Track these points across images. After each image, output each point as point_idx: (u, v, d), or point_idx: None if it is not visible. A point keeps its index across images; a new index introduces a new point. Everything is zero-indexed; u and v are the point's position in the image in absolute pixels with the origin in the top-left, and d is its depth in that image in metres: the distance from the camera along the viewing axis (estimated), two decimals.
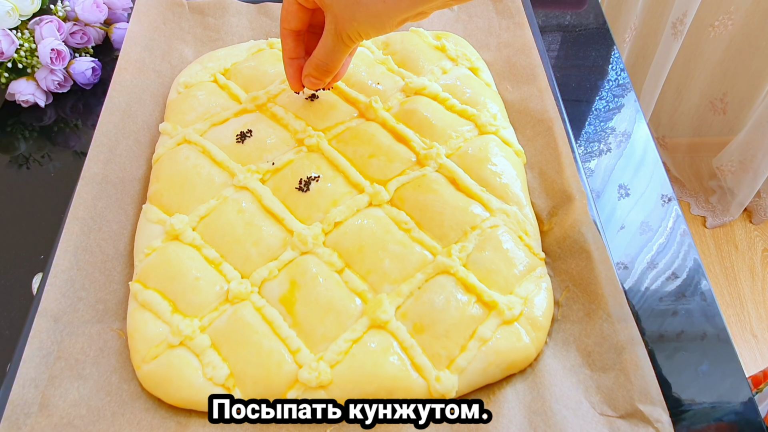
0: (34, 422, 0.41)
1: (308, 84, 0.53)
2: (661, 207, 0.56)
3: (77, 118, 0.68)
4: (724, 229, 1.60)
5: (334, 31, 0.47)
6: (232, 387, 0.44)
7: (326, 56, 0.49)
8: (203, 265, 0.49)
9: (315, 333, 0.45)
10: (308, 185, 0.53)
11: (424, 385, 0.43)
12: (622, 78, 0.68)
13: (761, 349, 1.41)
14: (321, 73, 0.51)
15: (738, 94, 1.47)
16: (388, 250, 0.49)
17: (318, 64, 0.50)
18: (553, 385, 0.44)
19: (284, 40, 0.52)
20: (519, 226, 0.51)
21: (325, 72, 0.51)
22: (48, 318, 0.45)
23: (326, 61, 0.50)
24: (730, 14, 1.29)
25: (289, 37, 0.52)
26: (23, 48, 0.65)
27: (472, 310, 0.46)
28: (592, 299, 0.46)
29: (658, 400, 0.42)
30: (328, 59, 0.50)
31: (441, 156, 0.54)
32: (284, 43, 0.52)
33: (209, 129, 0.58)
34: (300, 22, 0.50)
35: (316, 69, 0.51)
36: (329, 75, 0.51)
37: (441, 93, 0.60)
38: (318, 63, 0.50)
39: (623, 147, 0.61)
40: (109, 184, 0.54)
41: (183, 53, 0.67)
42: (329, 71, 0.51)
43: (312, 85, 0.53)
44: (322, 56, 0.50)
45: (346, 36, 0.47)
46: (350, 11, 0.45)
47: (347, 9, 0.45)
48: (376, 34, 0.47)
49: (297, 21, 0.50)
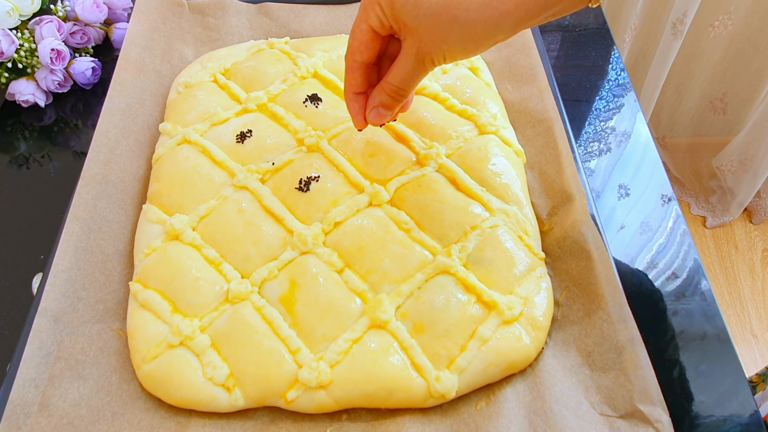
0: (34, 422, 0.41)
1: (375, 117, 0.48)
2: (661, 207, 0.56)
3: (77, 118, 0.68)
4: (724, 229, 1.60)
5: (416, 54, 0.43)
6: (232, 387, 0.44)
7: (403, 82, 0.45)
8: (203, 265, 0.49)
9: (315, 333, 0.45)
10: (308, 185, 0.53)
11: (424, 385, 0.43)
12: (622, 78, 0.68)
13: (761, 349, 1.41)
14: (395, 101, 0.46)
15: (738, 94, 1.47)
16: (388, 250, 0.49)
17: (394, 91, 0.46)
18: (553, 385, 0.44)
19: (352, 74, 0.47)
20: (519, 226, 0.51)
21: (400, 99, 0.46)
22: (48, 318, 0.45)
23: (403, 86, 0.45)
24: (730, 14, 1.29)
25: (359, 71, 0.46)
26: (23, 48, 0.65)
27: (472, 310, 0.46)
28: (592, 299, 0.46)
29: (658, 400, 0.42)
30: (404, 84, 0.45)
31: (441, 156, 0.54)
32: (352, 77, 0.47)
33: (209, 129, 0.58)
34: (373, 52, 0.45)
35: (391, 96, 0.46)
36: (402, 102, 0.47)
37: (441, 93, 0.60)
38: (393, 89, 0.45)
39: (623, 147, 0.61)
40: (109, 184, 0.54)
41: (183, 53, 0.67)
42: (403, 98, 0.46)
43: (380, 117, 0.48)
44: (399, 82, 0.45)
45: (429, 60, 0.43)
46: (441, 33, 0.41)
47: (438, 30, 0.41)
48: (462, 58, 0.43)
49: (370, 52, 0.45)
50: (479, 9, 0.39)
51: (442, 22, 0.40)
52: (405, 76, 0.45)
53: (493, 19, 0.40)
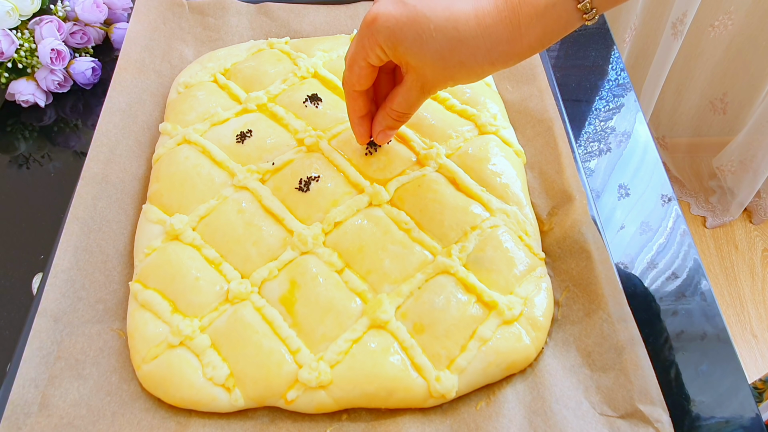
0: (34, 422, 0.42)
1: (383, 138, 0.51)
2: (661, 207, 0.56)
3: (77, 118, 0.68)
4: (724, 229, 1.60)
5: (421, 87, 0.45)
6: (232, 387, 0.44)
7: (408, 108, 0.47)
8: (203, 265, 0.49)
9: (315, 333, 0.45)
10: (308, 185, 0.53)
11: (424, 385, 0.43)
12: (622, 78, 0.68)
13: (761, 349, 1.41)
14: (400, 123, 0.49)
15: (738, 94, 1.47)
16: (388, 250, 0.49)
17: (399, 116, 0.48)
18: (553, 385, 0.44)
19: (353, 102, 0.49)
20: (519, 226, 0.51)
21: (404, 120, 0.49)
22: (48, 318, 0.45)
23: (407, 112, 0.48)
24: (730, 14, 1.29)
25: (360, 98, 0.48)
26: (23, 48, 0.65)
27: (472, 310, 0.46)
28: (592, 299, 0.46)
29: (658, 400, 0.42)
30: (409, 110, 0.48)
31: (441, 156, 0.54)
32: (353, 104, 0.49)
33: (209, 129, 0.58)
34: (371, 81, 0.47)
35: (396, 120, 0.49)
36: (404, 123, 0.50)
37: (441, 93, 0.60)
38: (398, 115, 0.48)
39: (623, 147, 0.61)
40: (109, 184, 0.54)
41: (183, 53, 0.67)
42: (407, 119, 0.49)
43: (386, 137, 0.51)
44: (404, 108, 0.47)
45: (434, 90, 0.45)
46: (448, 73, 0.42)
47: (444, 71, 0.42)
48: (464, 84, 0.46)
49: (367, 80, 0.47)
50: (486, 54, 0.41)
51: (448, 65, 0.42)
52: (410, 104, 0.47)
53: (500, 61, 0.41)
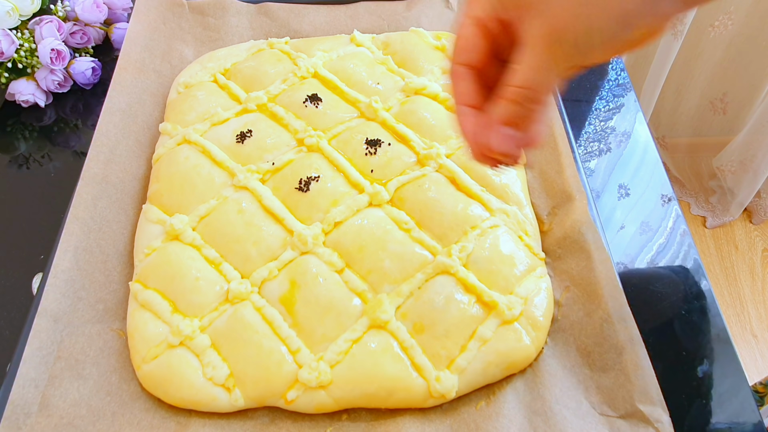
0: (34, 422, 0.41)
1: (501, 140, 0.34)
2: (661, 207, 0.56)
3: (77, 118, 0.68)
4: (724, 229, 1.60)
5: (548, 41, 0.30)
6: (232, 387, 0.44)
7: (533, 80, 0.31)
8: (203, 265, 0.49)
9: (315, 333, 0.45)
10: (308, 185, 0.53)
11: (424, 385, 0.43)
12: (622, 78, 0.68)
13: (761, 349, 1.41)
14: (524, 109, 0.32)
15: (738, 94, 1.47)
16: (388, 250, 0.49)
17: (521, 95, 0.32)
18: (553, 385, 0.44)
19: (458, 81, 0.35)
20: (519, 226, 0.51)
21: (530, 105, 0.32)
22: (48, 318, 0.45)
23: (533, 86, 0.32)
24: (730, 14, 1.29)
25: (467, 78, 0.35)
26: (23, 48, 0.65)
27: (472, 310, 0.46)
28: (592, 299, 0.46)
29: (658, 400, 0.42)
30: (536, 84, 0.32)
31: (441, 156, 0.54)
32: (458, 85, 0.35)
33: (209, 129, 0.58)
34: (480, 53, 0.34)
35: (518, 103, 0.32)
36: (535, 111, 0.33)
37: (441, 93, 0.60)
38: (520, 94, 0.32)
39: (623, 147, 0.61)
40: (109, 184, 0.54)
41: (183, 53, 0.67)
42: (536, 103, 0.32)
43: (506, 140, 0.34)
44: (526, 81, 0.32)
45: (565, 46, 0.30)
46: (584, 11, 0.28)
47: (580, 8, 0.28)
48: (602, 56, 0.30)
49: (476, 52, 0.34)
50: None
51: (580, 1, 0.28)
52: (536, 70, 0.31)
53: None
